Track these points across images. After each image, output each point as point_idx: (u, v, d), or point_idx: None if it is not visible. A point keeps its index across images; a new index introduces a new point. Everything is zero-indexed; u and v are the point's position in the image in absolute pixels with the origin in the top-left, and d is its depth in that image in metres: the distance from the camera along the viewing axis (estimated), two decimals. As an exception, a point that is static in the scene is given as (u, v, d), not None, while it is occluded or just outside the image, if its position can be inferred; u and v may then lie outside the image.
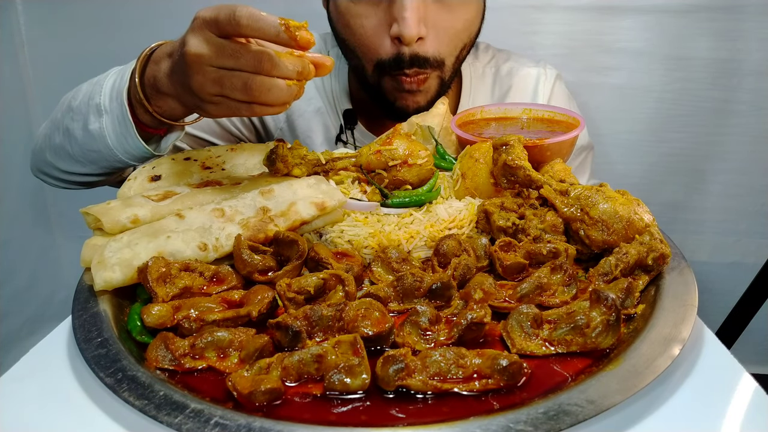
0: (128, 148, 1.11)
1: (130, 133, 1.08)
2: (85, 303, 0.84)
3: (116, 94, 1.09)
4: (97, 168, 1.23)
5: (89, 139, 1.14)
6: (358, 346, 0.72)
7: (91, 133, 1.12)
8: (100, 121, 1.10)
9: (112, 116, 1.09)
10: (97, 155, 1.16)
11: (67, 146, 1.20)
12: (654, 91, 2.24)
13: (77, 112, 1.15)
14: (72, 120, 1.17)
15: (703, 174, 2.35)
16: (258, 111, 0.95)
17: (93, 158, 1.18)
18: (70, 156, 1.22)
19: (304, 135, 1.59)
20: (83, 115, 1.14)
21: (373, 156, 1.09)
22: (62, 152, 1.23)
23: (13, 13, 2.26)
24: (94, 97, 1.12)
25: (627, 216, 0.92)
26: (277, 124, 1.61)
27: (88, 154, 1.18)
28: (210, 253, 0.91)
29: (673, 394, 0.71)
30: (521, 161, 1.01)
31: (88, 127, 1.12)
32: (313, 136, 1.58)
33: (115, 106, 1.09)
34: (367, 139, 1.56)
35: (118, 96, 1.08)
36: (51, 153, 1.28)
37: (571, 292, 0.86)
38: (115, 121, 1.09)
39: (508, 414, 0.63)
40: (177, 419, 0.62)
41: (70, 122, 1.17)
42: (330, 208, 0.99)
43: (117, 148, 1.12)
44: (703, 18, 2.11)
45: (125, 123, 1.08)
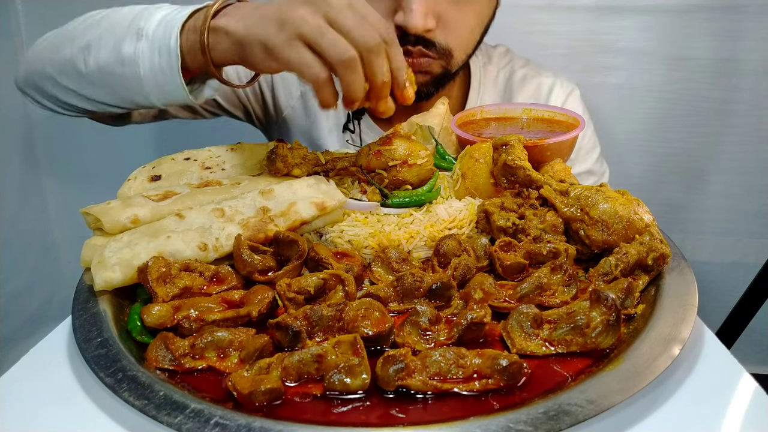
0: (162, 81, 1.05)
1: (172, 66, 1.02)
2: (85, 303, 0.84)
3: (167, 24, 1.03)
4: (108, 94, 1.14)
5: (116, 62, 1.07)
6: (358, 346, 0.72)
7: (122, 55, 1.05)
8: (136, 46, 1.04)
9: (153, 44, 1.03)
10: (119, 81, 1.09)
11: (80, 63, 1.12)
12: (654, 91, 2.24)
13: (109, 30, 1.09)
14: (99, 38, 1.10)
15: (703, 174, 2.34)
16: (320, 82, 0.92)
17: (110, 82, 1.11)
18: (80, 74, 1.13)
19: (314, 117, 1.56)
20: (117, 35, 1.07)
21: (373, 156, 1.09)
22: (70, 68, 1.15)
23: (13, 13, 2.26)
24: (138, 21, 1.06)
25: (627, 216, 0.92)
26: (288, 101, 1.57)
27: (107, 77, 1.10)
28: (210, 253, 0.91)
29: (673, 394, 0.71)
30: (521, 161, 1.01)
31: (121, 49, 1.05)
32: (324, 116, 1.56)
33: (161, 35, 1.03)
34: (372, 131, 1.55)
35: (169, 26, 1.02)
36: (54, 66, 1.18)
37: (571, 292, 0.86)
38: (155, 50, 1.03)
39: (508, 414, 0.63)
40: (177, 419, 0.62)
41: (95, 39, 1.10)
42: (330, 208, 0.99)
43: (147, 79, 1.05)
44: (703, 18, 2.10)
45: (169, 54, 1.02)
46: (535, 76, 1.61)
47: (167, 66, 1.03)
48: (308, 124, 1.58)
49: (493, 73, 1.62)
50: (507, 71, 1.63)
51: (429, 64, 1.34)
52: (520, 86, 1.60)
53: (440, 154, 1.23)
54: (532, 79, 1.61)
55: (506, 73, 1.63)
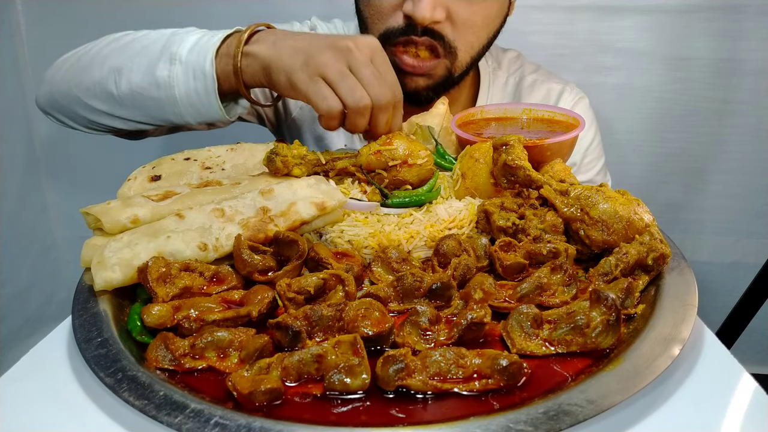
0: (197, 102, 1.12)
1: (208, 89, 1.10)
2: (85, 303, 0.84)
3: (200, 50, 1.10)
4: (139, 114, 1.19)
5: (150, 85, 1.12)
6: (358, 346, 0.71)
7: (156, 79, 1.11)
8: (170, 70, 1.10)
9: (187, 68, 1.10)
10: (152, 103, 1.15)
11: (110, 85, 1.17)
12: (654, 91, 2.24)
13: (141, 54, 1.14)
14: (131, 60, 1.15)
15: (703, 174, 2.35)
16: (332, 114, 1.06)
17: (143, 104, 1.16)
18: (111, 95, 1.18)
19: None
20: (150, 59, 1.12)
21: (373, 156, 1.09)
22: (101, 90, 1.19)
23: (13, 13, 2.26)
24: (170, 45, 1.11)
25: (627, 216, 0.92)
26: (297, 102, 1.58)
27: (140, 99, 1.16)
28: (210, 253, 0.91)
29: (673, 394, 0.71)
30: (521, 161, 1.01)
31: (155, 72, 1.11)
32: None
33: (194, 59, 1.09)
34: None
35: (203, 51, 1.09)
36: (81, 88, 1.22)
37: (571, 292, 0.86)
38: (189, 73, 1.10)
39: (508, 414, 0.63)
40: (177, 419, 0.62)
41: (127, 62, 1.15)
42: (330, 208, 0.99)
43: (183, 102, 1.11)
44: (703, 18, 2.11)
45: (205, 78, 1.09)
46: (544, 81, 1.62)
47: (203, 89, 1.11)
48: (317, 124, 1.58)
49: (502, 79, 1.62)
50: (517, 76, 1.63)
51: (434, 67, 1.34)
52: (529, 92, 1.60)
53: (440, 154, 1.23)
54: (542, 85, 1.61)
55: (516, 79, 1.63)
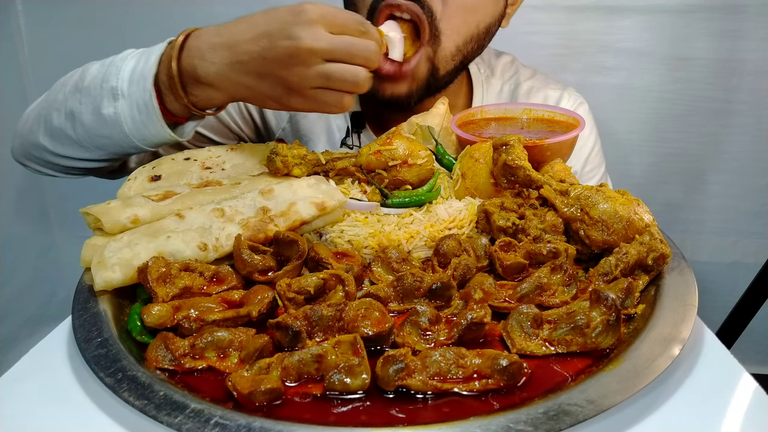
0: (147, 134, 1.08)
1: (153, 120, 1.06)
2: (85, 303, 0.84)
3: (138, 79, 1.05)
4: (103, 154, 1.17)
5: (100, 124, 1.09)
6: (358, 346, 0.71)
7: (104, 117, 1.08)
8: (115, 106, 1.07)
9: (131, 101, 1.06)
10: (108, 141, 1.12)
11: (69, 130, 1.15)
12: (654, 91, 2.24)
13: (86, 93, 1.10)
14: (79, 102, 1.11)
15: (703, 174, 2.35)
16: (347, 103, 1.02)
17: (101, 144, 1.14)
18: (72, 140, 1.16)
19: (306, 137, 1.55)
20: (94, 98, 1.09)
21: (373, 156, 1.09)
22: (61, 136, 1.17)
23: (13, 13, 2.26)
24: (109, 79, 1.07)
25: (627, 216, 0.92)
26: (279, 123, 1.56)
27: (96, 140, 1.13)
28: (210, 253, 0.91)
29: (673, 394, 0.71)
30: (521, 161, 1.01)
31: (101, 111, 1.08)
32: (315, 138, 1.54)
33: (135, 90, 1.05)
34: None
35: (141, 81, 1.05)
36: (46, 136, 1.21)
37: (571, 292, 0.86)
38: (134, 106, 1.06)
39: (508, 414, 0.63)
40: (177, 419, 0.62)
41: (77, 104, 1.12)
42: (330, 208, 0.99)
43: (134, 135, 1.08)
44: (703, 18, 2.11)
45: (147, 110, 1.05)
46: (541, 88, 1.57)
47: (148, 120, 1.07)
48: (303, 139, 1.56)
49: (496, 87, 1.57)
50: (512, 84, 1.58)
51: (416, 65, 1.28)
52: (525, 99, 1.55)
53: (440, 154, 1.23)
54: (539, 92, 1.56)
55: (511, 86, 1.58)
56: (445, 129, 1.28)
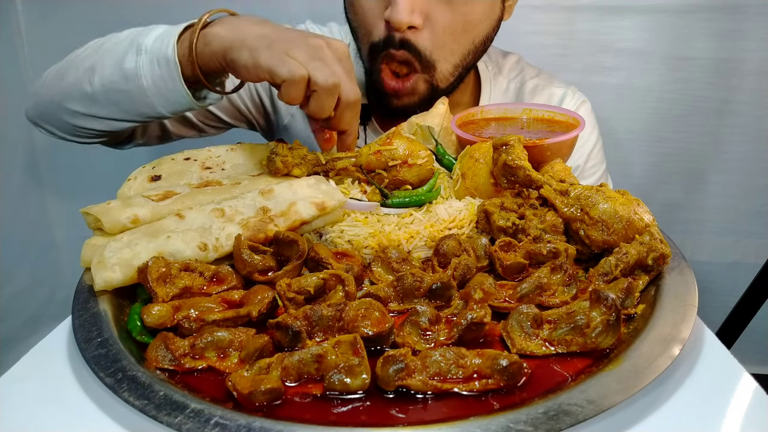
0: (165, 91, 1.10)
1: (173, 75, 1.08)
2: (85, 303, 0.84)
3: (163, 36, 1.09)
4: (114, 111, 1.19)
5: (120, 78, 1.12)
6: (358, 346, 0.72)
7: (125, 71, 1.11)
8: (136, 60, 1.09)
9: (152, 56, 1.09)
10: (124, 96, 1.14)
11: (85, 84, 1.17)
12: (654, 91, 2.24)
13: (111, 51, 1.14)
14: (101, 57, 1.15)
15: (703, 174, 2.35)
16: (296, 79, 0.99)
17: (116, 98, 1.16)
18: (87, 95, 1.18)
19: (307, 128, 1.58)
20: (118, 54, 1.12)
21: (373, 156, 1.09)
22: (76, 91, 1.19)
23: (13, 13, 2.26)
24: (137, 38, 1.11)
25: (627, 216, 0.92)
26: (288, 109, 1.58)
27: (113, 94, 1.15)
28: (210, 253, 0.91)
29: (673, 394, 0.71)
30: (521, 161, 1.01)
31: (123, 65, 1.11)
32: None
33: (158, 46, 1.08)
34: (377, 135, 1.54)
35: (166, 39, 1.08)
36: (60, 92, 1.23)
37: (571, 292, 0.86)
38: (155, 61, 1.08)
39: (508, 414, 0.63)
40: (177, 419, 0.62)
41: (99, 59, 1.15)
42: (330, 208, 0.99)
43: (150, 90, 1.11)
44: (703, 18, 2.11)
45: (168, 64, 1.08)
46: (546, 86, 1.61)
47: (167, 75, 1.08)
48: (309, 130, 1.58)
49: (503, 84, 1.61)
50: (518, 82, 1.62)
51: (414, 84, 1.34)
52: (530, 97, 1.59)
53: (440, 154, 1.23)
54: (543, 90, 1.60)
55: (517, 84, 1.62)
56: (445, 129, 1.28)
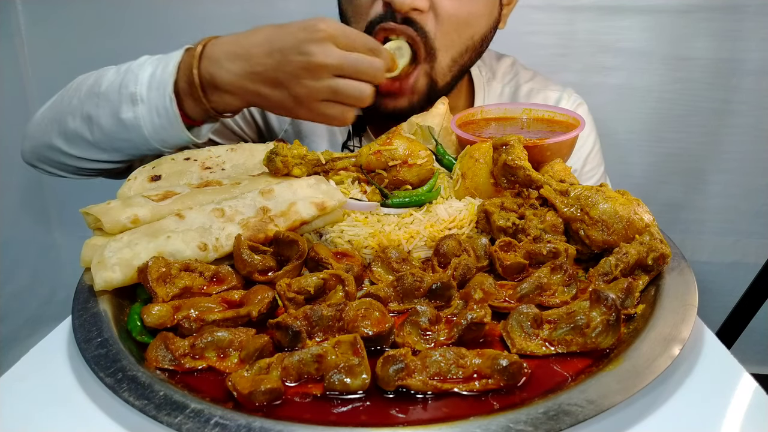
0: (166, 137, 1.14)
1: (173, 124, 1.12)
2: (85, 303, 0.84)
3: (157, 85, 1.10)
4: (120, 155, 1.23)
5: (119, 128, 1.15)
6: (358, 346, 0.72)
7: (123, 122, 1.13)
8: (134, 111, 1.12)
9: (150, 106, 1.11)
10: (126, 144, 1.17)
11: (86, 133, 1.20)
12: (654, 91, 2.24)
13: (103, 98, 1.16)
14: (96, 106, 1.17)
15: (703, 174, 2.35)
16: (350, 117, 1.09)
17: (119, 146, 1.19)
18: (89, 143, 1.21)
19: (308, 139, 1.57)
20: (112, 103, 1.14)
21: (373, 156, 1.09)
22: (78, 138, 1.22)
23: (13, 13, 2.26)
24: (127, 85, 1.12)
25: (627, 216, 0.92)
26: (281, 125, 1.58)
27: (115, 142, 1.19)
28: (210, 253, 0.91)
29: (673, 394, 0.71)
30: (521, 161, 1.01)
31: (120, 116, 1.13)
32: (318, 140, 1.56)
33: (154, 96, 1.11)
34: None
35: (161, 87, 1.10)
36: (60, 138, 1.25)
37: (571, 292, 0.86)
38: (153, 111, 1.11)
39: (508, 414, 0.63)
40: (177, 419, 0.62)
41: (93, 108, 1.17)
42: (330, 208, 0.99)
43: (153, 138, 1.14)
44: (703, 18, 2.11)
45: (168, 115, 1.11)
46: (541, 89, 1.59)
47: (168, 124, 1.13)
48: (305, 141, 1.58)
49: (497, 89, 1.60)
50: (512, 86, 1.61)
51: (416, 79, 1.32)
52: (525, 101, 1.57)
53: (440, 154, 1.23)
54: (538, 93, 1.59)
55: (511, 88, 1.60)
56: (445, 129, 1.28)
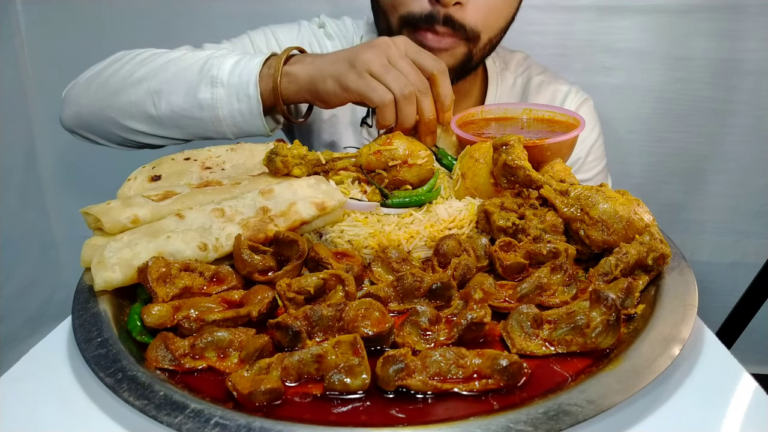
0: (241, 122, 1.20)
1: (252, 111, 1.19)
2: (85, 303, 0.84)
3: (241, 72, 1.18)
4: (178, 133, 1.27)
5: (193, 107, 1.19)
6: (358, 346, 0.71)
7: (199, 101, 1.19)
8: (212, 92, 1.18)
9: (230, 90, 1.18)
10: (194, 122, 1.22)
11: (149, 107, 1.23)
12: (654, 91, 2.24)
13: (177, 76, 1.21)
14: (168, 82, 1.21)
15: (703, 174, 2.35)
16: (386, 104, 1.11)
17: (184, 123, 1.23)
18: (151, 117, 1.24)
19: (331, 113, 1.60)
20: (188, 82, 1.20)
21: (373, 156, 1.09)
22: (138, 111, 1.25)
23: (13, 13, 2.26)
24: (210, 69, 1.19)
25: (627, 216, 0.92)
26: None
27: (182, 119, 1.22)
28: (210, 253, 0.91)
29: (673, 394, 0.71)
30: (521, 161, 1.01)
31: (197, 95, 1.19)
32: (340, 114, 1.60)
33: (237, 82, 1.17)
34: None
35: (245, 74, 1.17)
36: (116, 110, 1.27)
37: (571, 292, 0.86)
38: (233, 95, 1.18)
39: (508, 414, 0.63)
40: (177, 419, 0.62)
41: (164, 84, 1.21)
42: (330, 208, 0.99)
43: (226, 120, 1.20)
44: (703, 18, 2.11)
45: (249, 101, 1.17)
46: (551, 82, 1.64)
47: (247, 110, 1.19)
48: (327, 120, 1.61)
49: (510, 80, 1.64)
50: (524, 78, 1.65)
51: (455, 45, 1.36)
52: (536, 92, 1.62)
53: (440, 154, 1.23)
54: (549, 86, 1.63)
55: (523, 80, 1.65)
56: (445, 129, 1.28)
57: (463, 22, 1.32)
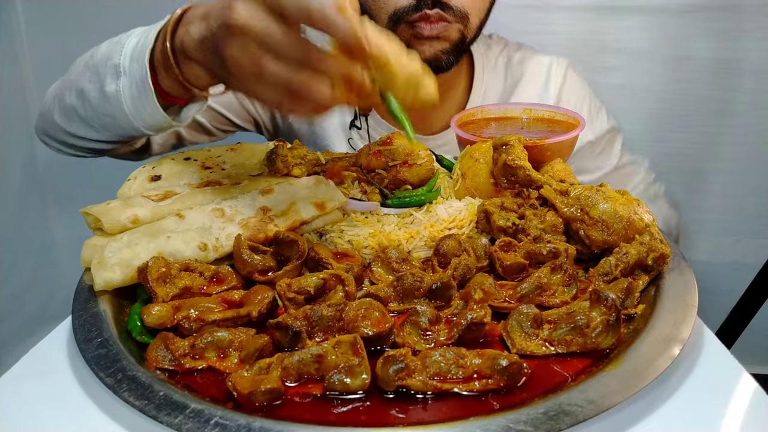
0: (145, 115, 1.03)
1: (149, 98, 0.99)
2: (85, 303, 0.84)
3: (138, 55, 0.99)
4: (108, 135, 1.15)
5: (104, 102, 1.06)
6: (358, 346, 0.72)
7: (107, 95, 1.03)
8: (117, 83, 1.02)
9: (131, 79, 1.00)
10: (111, 120, 1.08)
11: (79, 108, 1.12)
12: (654, 91, 2.24)
13: (94, 72, 1.07)
14: (88, 81, 1.08)
15: (703, 174, 2.34)
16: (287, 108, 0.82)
17: (106, 123, 1.10)
18: (82, 119, 1.14)
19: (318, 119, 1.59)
20: (100, 76, 1.05)
21: (373, 156, 1.09)
22: (73, 114, 1.16)
23: (13, 13, 2.26)
24: (113, 56, 1.03)
25: (627, 216, 0.92)
26: None
27: (102, 119, 1.10)
28: (210, 253, 0.91)
29: (673, 394, 0.71)
30: (521, 161, 1.01)
31: (104, 89, 1.04)
32: (328, 119, 1.59)
33: (135, 68, 0.99)
34: (380, 126, 1.57)
35: (140, 57, 0.98)
36: (60, 114, 1.20)
37: (571, 292, 0.86)
38: (134, 84, 1.00)
39: (508, 414, 0.63)
40: (177, 419, 0.62)
41: (86, 83, 1.08)
42: (330, 208, 0.99)
43: (132, 114, 1.03)
44: (703, 18, 2.10)
45: (144, 87, 0.99)
46: (531, 56, 1.67)
47: (144, 98, 1.00)
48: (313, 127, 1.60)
49: (492, 60, 1.67)
50: (505, 56, 1.68)
51: (446, 29, 1.37)
52: (519, 67, 1.64)
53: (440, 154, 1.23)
54: (530, 59, 1.66)
55: (504, 58, 1.68)
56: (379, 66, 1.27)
57: (450, 3, 1.34)
